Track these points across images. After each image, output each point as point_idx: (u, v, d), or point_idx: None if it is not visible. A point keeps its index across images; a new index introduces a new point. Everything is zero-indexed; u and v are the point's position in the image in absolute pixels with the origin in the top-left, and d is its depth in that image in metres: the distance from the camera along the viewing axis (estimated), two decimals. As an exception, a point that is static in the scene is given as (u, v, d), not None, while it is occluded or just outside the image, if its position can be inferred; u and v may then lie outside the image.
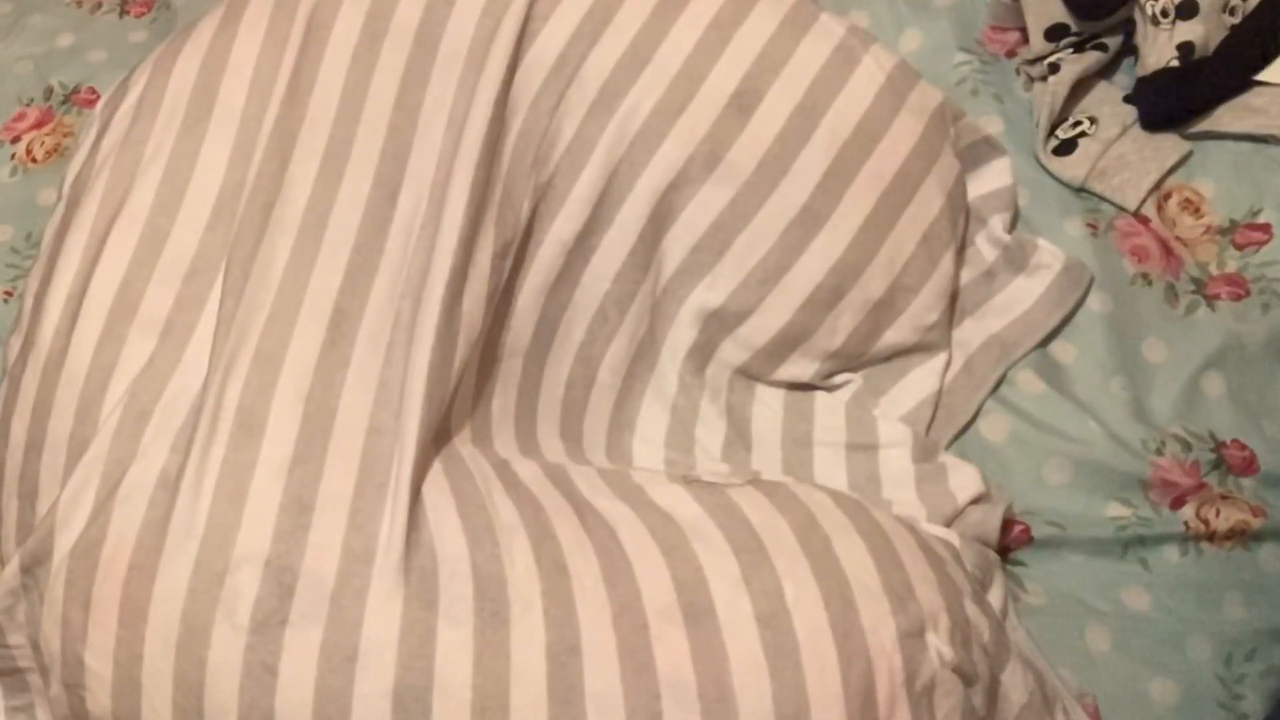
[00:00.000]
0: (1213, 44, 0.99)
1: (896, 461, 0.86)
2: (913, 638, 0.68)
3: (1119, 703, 0.82)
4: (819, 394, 0.91)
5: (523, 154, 0.82)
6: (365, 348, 0.74)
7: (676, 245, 0.87)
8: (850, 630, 0.67)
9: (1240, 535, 0.85)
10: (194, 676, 0.67)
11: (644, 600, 0.68)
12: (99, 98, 1.05)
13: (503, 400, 0.82)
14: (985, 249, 0.95)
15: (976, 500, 0.84)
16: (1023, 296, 0.93)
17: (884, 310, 0.89)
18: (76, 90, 1.14)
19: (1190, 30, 0.97)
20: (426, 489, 0.72)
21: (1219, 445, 0.88)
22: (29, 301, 0.84)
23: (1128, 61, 1.04)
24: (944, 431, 0.90)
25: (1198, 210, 0.97)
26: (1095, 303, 0.92)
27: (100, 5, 1.22)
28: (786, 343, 0.88)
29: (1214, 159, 0.98)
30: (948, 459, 0.87)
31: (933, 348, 0.91)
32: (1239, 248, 0.95)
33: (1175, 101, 0.98)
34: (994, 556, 0.83)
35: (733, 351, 0.89)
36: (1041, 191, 0.98)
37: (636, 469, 0.82)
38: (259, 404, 0.72)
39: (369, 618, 0.67)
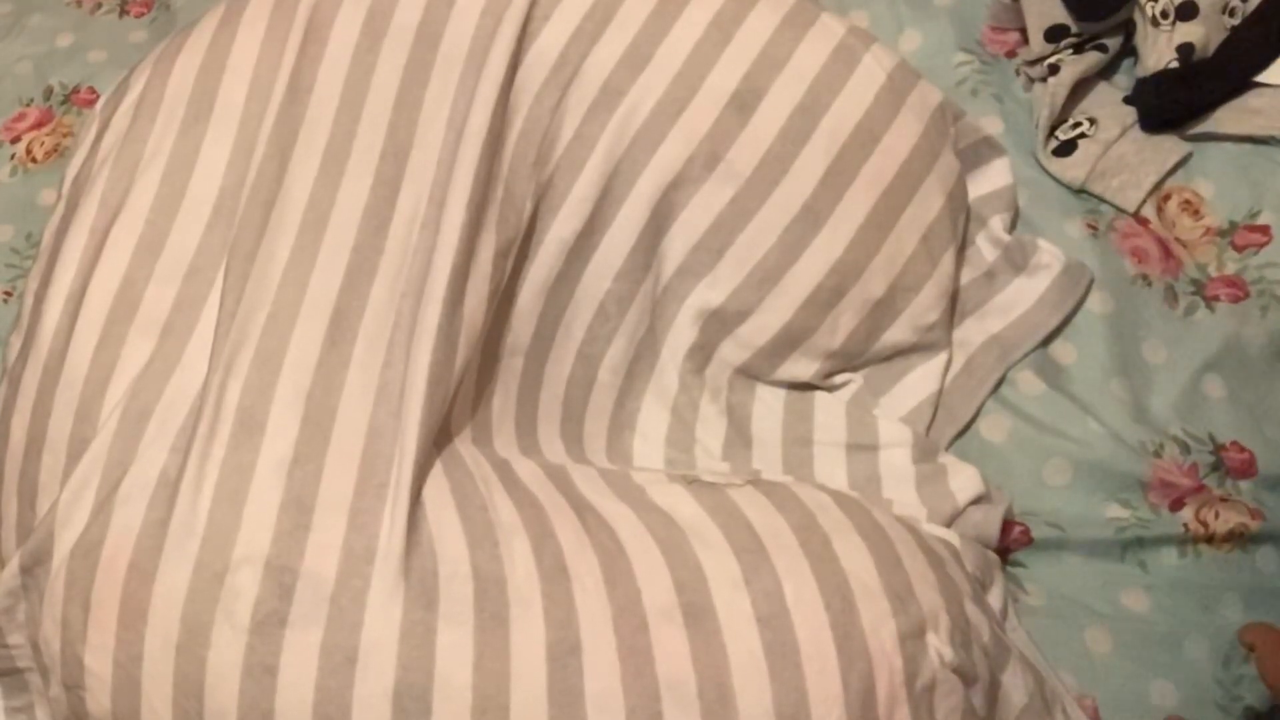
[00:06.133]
0: (1213, 45, 0.99)
1: (897, 462, 0.86)
2: (913, 638, 0.68)
3: (1118, 704, 0.82)
4: (819, 394, 0.91)
5: (524, 153, 0.82)
6: (366, 347, 0.74)
7: (677, 244, 0.87)
8: (850, 631, 0.67)
9: (1239, 538, 0.85)
10: (194, 677, 0.67)
11: (644, 601, 0.68)
12: (99, 98, 1.05)
13: (503, 399, 0.82)
14: (985, 249, 0.95)
15: (977, 501, 0.84)
16: (1023, 297, 0.93)
17: (884, 310, 0.89)
18: (76, 90, 1.14)
19: (1190, 31, 0.97)
20: (427, 489, 0.72)
21: (1218, 447, 0.88)
22: (29, 301, 0.84)
23: (1128, 62, 1.04)
24: (944, 432, 0.90)
25: (1197, 212, 0.97)
26: (1095, 303, 0.92)
27: (100, 5, 1.22)
28: (787, 342, 0.88)
29: (1214, 160, 0.98)
30: (948, 459, 0.87)
31: (933, 348, 0.91)
32: (1238, 249, 0.95)
33: (1175, 103, 0.98)
34: (994, 557, 0.83)
35: (733, 351, 0.89)
36: (1041, 192, 0.98)
37: (637, 469, 0.82)
38: (259, 404, 0.72)
39: (369, 618, 0.66)
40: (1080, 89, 1.01)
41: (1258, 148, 0.97)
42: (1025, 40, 1.02)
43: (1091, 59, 1.00)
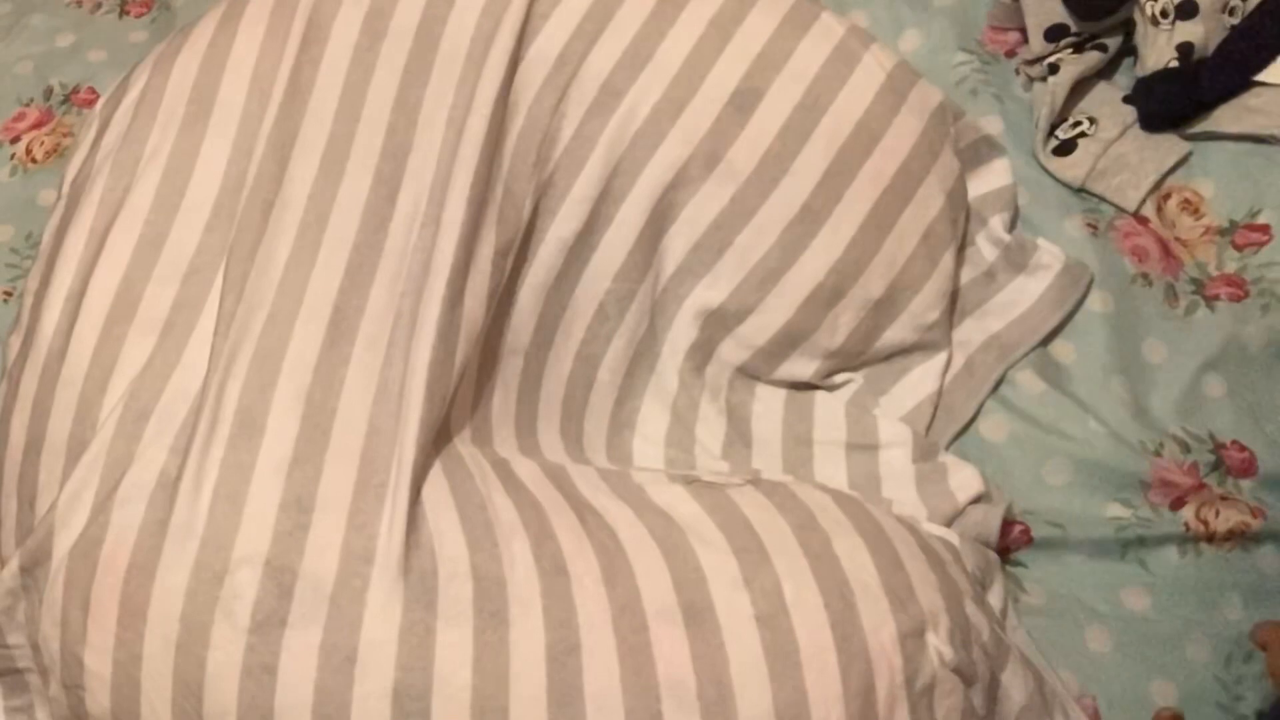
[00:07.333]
0: (1212, 44, 0.99)
1: (897, 461, 0.86)
2: (913, 638, 0.68)
3: (1119, 703, 0.82)
4: (819, 393, 0.91)
5: (524, 153, 0.82)
6: (365, 347, 0.74)
7: (676, 244, 0.87)
8: (850, 630, 0.67)
9: (1239, 536, 0.85)
10: (193, 677, 0.67)
11: (644, 600, 0.68)
12: (99, 98, 1.06)
13: (503, 399, 0.82)
14: (985, 248, 0.95)
15: (977, 500, 0.84)
16: (1023, 296, 0.93)
17: (884, 309, 0.89)
18: (76, 90, 1.14)
19: (1190, 30, 0.97)
20: (426, 489, 0.72)
21: (1219, 446, 0.88)
22: (29, 301, 0.84)
23: (1128, 61, 1.04)
24: (944, 431, 0.90)
25: (1197, 211, 0.97)
26: (1095, 303, 0.92)
27: (100, 5, 1.22)
28: (787, 342, 0.88)
29: (1213, 159, 0.98)
30: (948, 459, 0.87)
31: (933, 347, 0.91)
32: (1238, 248, 0.95)
33: (1175, 102, 0.98)
34: (994, 557, 0.83)
35: (733, 350, 0.89)
36: (1041, 191, 0.98)
37: (637, 469, 0.82)
38: (258, 404, 0.72)
39: (368, 618, 0.66)
40: (1080, 88, 1.01)
41: (1258, 147, 0.97)
42: (1025, 40, 1.02)
43: (1091, 58, 1.00)
